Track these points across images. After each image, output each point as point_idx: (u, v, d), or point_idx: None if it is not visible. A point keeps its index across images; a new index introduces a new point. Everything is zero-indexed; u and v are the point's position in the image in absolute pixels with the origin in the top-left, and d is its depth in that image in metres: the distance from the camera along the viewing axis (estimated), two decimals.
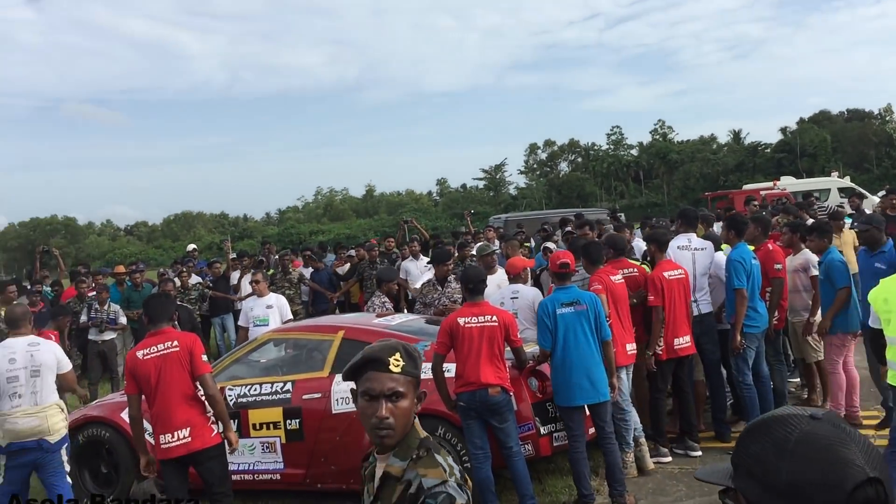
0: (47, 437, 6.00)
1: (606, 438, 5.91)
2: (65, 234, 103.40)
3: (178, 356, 5.21)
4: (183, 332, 5.35)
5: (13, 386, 5.94)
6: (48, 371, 6.08)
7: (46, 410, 6.02)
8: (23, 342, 6.14)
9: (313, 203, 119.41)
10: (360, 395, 2.17)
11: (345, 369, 2.24)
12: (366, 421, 2.15)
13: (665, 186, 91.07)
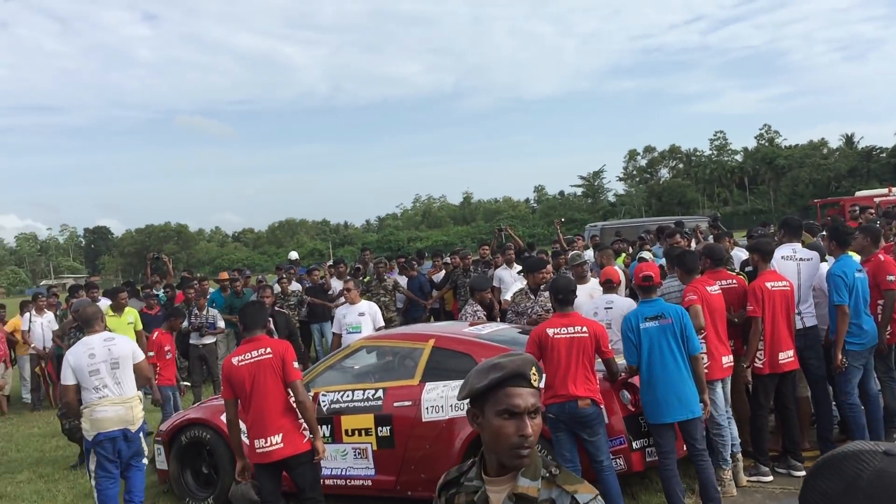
0: (130, 426, 6.33)
1: (699, 456, 5.72)
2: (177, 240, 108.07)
3: (270, 363, 5.33)
4: (276, 340, 5.49)
5: (96, 379, 6.28)
6: (126, 362, 6.42)
7: (130, 401, 6.38)
8: (99, 338, 6.47)
9: (412, 210, 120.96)
10: (496, 413, 2.00)
11: (476, 385, 2.04)
12: (504, 441, 1.99)
13: (771, 193, 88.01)
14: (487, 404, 2.03)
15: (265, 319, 5.54)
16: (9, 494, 8.13)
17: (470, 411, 2.09)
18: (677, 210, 73.49)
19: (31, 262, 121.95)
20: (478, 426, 2.06)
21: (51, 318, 13.52)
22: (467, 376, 2.11)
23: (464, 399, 2.08)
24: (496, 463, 2.06)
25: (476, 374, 2.07)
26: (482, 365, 2.09)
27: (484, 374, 2.05)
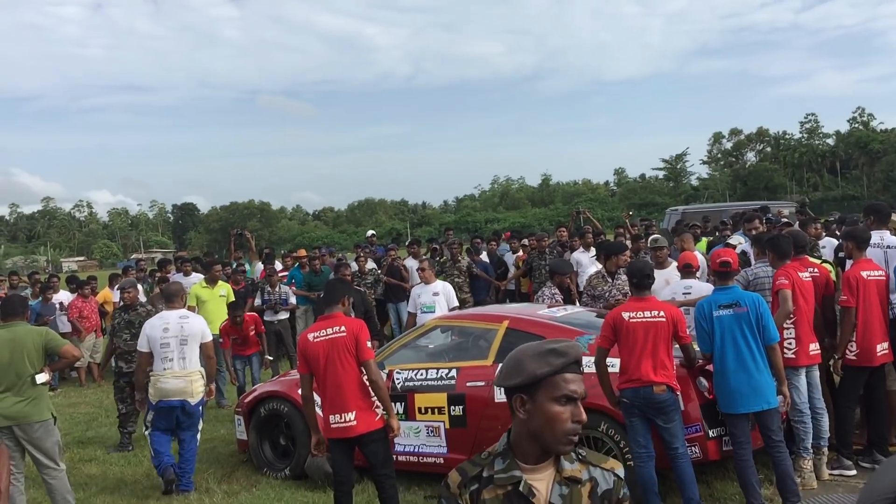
0: (189, 398, 6.98)
1: (775, 447, 5.57)
2: (260, 217, 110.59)
3: (344, 341, 5.38)
4: (351, 318, 5.55)
5: (165, 351, 6.99)
6: (194, 340, 7.11)
7: (191, 376, 7.02)
8: (175, 314, 7.19)
9: (490, 191, 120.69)
10: (553, 399, 2.00)
11: (538, 371, 2.01)
12: (560, 427, 2.00)
13: (864, 178, 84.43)
14: (542, 390, 2.01)
15: (342, 297, 5.60)
16: (98, 458, 8.51)
17: (517, 398, 2.04)
18: (763, 195, 71.25)
19: (123, 236, 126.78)
20: (524, 412, 2.03)
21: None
22: (515, 362, 2.06)
23: (519, 385, 2.03)
24: (538, 450, 2.06)
25: (533, 359, 2.03)
26: (533, 350, 2.06)
27: (544, 360, 2.02)
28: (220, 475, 7.50)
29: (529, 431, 2.04)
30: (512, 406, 2.07)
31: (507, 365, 2.08)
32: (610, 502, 2.09)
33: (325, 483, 6.83)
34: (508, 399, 2.08)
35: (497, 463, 2.08)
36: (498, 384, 2.13)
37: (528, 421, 2.03)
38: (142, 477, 7.65)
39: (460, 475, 2.09)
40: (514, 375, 2.04)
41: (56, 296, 13.87)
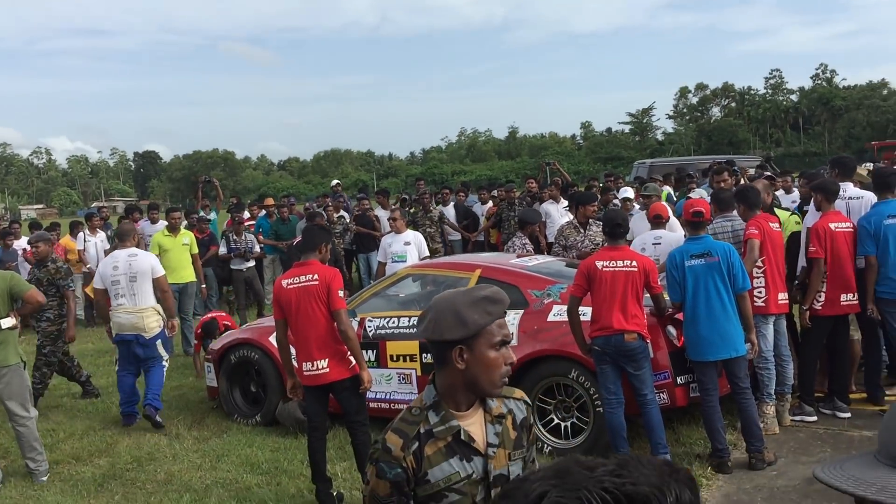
0: (143, 333, 7.37)
1: (741, 394, 5.69)
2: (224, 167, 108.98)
3: (316, 289, 5.32)
4: (325, 267, 5.49)
5: (116, 288, 7.42)
6: (143, 277, 7.44)
7: (143, 312, 7.39)
8: (125, 253, 7.57)
9: (456, 144, 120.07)
10: (491, 345, 2.02)
11: (481, 321, 2.01)
12: (496, 371, 2.04)
13: (826, 135, 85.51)
14: (481, 339, 2.02)
15: (319, 244, 5.53)
16: (65, 405, 8.45)
17: (456, 350, 2.02)
18: (727, 150, 71.67)
19: (83, 184, 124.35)
20: (462, 363, 2.02)
21: (103, 238, 13.83)
22: (453, 315, 2.01)
23: (464, 337, 2.01)
24: (471, 397, 2.10)
25: (472, 310, 2.01)
26: (466, 300, 2.03)
27: (483, 310, 2.02)
28: (189, 421, 7.50)
29: (465, 381, 2.05)
30: (445, 358, 2.04)
31: (443, 318, 2.03)
32: (526, 429, 2.20)
33: (296, 429, 6.87)
34: (442, 351, 2.05)
35: (431, 416, 2.07)
36: (435, 338, 2.04)
37: (465, 371, 2.03)
38: (110, 423, 7.61)
39: (400, 437, 2.04)
40: (457, 328, 2.01)
41: (17, 242, 13.60)
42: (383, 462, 2.03)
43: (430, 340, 2.08)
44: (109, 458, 6.63)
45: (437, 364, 2.10)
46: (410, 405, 2.13)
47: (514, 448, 2.16)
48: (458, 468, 2.08)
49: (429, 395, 2.10)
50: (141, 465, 6.41)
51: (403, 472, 2.03)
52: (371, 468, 2.06)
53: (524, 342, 6.13)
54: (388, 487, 2.02)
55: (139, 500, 5.73)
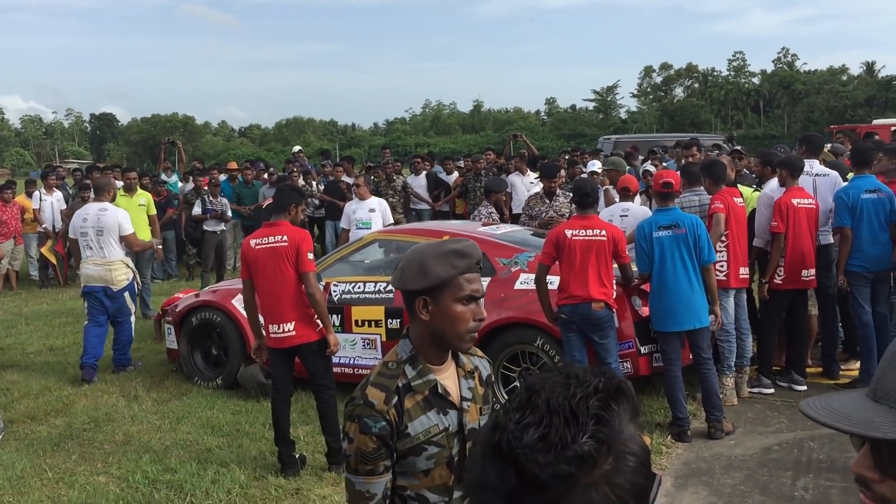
0: (111, 285, 7.59)
1: (703, 364, 5.77)
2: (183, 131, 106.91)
3: (284, 251, 5.23)
4: (295, 228, 5.39)
5: (85, 240, 7.64)
6: (109, 232, 7.61)
7: (111, 264, 7.60)
8: (96, 207, 7.78)
9: (420, 116, 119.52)
10: (456, 299, 2.01)
11: (444, 274, 2.00)
12: (462, 326, 2.03)
13: (786, 118, 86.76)
14: (447, 291, 2.01)
15: (291, 205, 5.41)
16: (19, 363, 8.28)
17: (419, 300, 2.02)
18: (689, 130, 72.22)
19: (36, 144, 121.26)
20: (426, 314, 2.03)
21: (59, 197, 13.52)
22: (418, 265, 2.02)
23: (425, 288, 2.01)
24: (441, 350, 2.10)
25: (437, 261, 2.01)
26: (435, 252, 2.03)
27: (448, 263, 2.01)
28: (148, 383, 7.40)
29: (431, 333, 2.05)
30: (412, 308, 2.05)
31: (409, 268, 2.04)
32: (489, 385, 2.26)
33: (257, 392, 6.81)
34: (409, 302, 2.06)
35: (408, 370, 2.07)
36: (400, 287, 2.06)
37: (430, 322, 2.04)
38: (66, 384, 7.48)
39: (381, 391, 2.02)
40: (418, 278, 2.02)
41: None
42: (367, 417, 1.99)
43: (398, 289, 2.08)
44: (66, 418, 6.52)
45: (408, 315, 2.10)
46: (385, 360, 2.11)
47: (483, 403, 2.19)
48: (437, 421, 2.07)
49: (404, 349, 2.09)
50: (98, 426, 6.31)
51: (388, 425, 2.00)
52: (353, 425, 2.01)
53: (490, 309, 6.11)
54: (375, 442, 1.99)
55: (97, 459, 5.64)
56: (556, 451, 0.87)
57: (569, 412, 0.89)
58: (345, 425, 2.04)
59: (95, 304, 7.64)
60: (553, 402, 0.90)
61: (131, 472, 5.34)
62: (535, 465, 0.86)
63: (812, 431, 5.75)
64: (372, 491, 2.03)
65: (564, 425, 0.88)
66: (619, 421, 0.93)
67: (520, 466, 0.86)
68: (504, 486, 0.86)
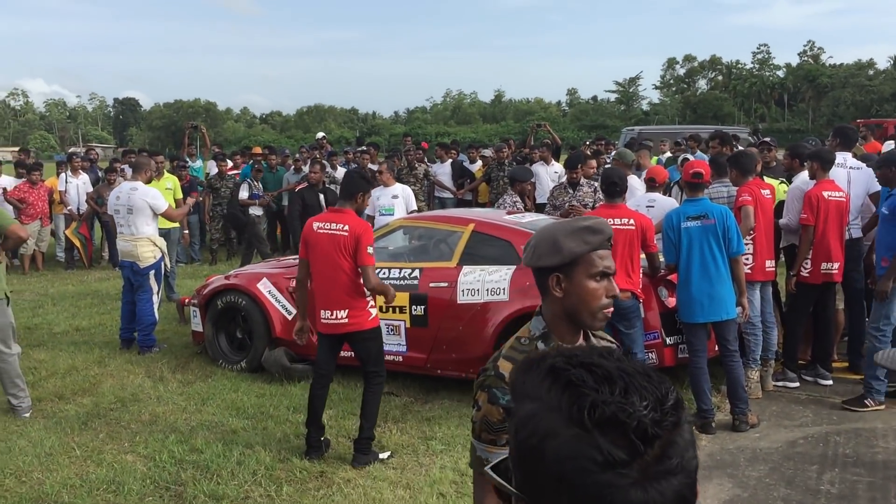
0: (138, 262, 7.87)
1: (729, 356, 5.74)
2: (205, 117, 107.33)
3: (344, 241, 5.14)
4: (358, 219, 5.27)
5: (118, 217, 8.01)
6: (139, 211, 7.87)
7: (138, 241, 7.86)
8: (128, 185, 8.10)
9: (441, 105, 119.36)
10: (590, 275, 2.03)
11: (577, 249, 2.02)
12: (595, 302, 2.03)
13: (811, 112, 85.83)
14: (579, 267, 2.03)
15: (358, 193, 5.27)
16: (46, 343, 8.37)
17: (553, 277, 2.04)
18: (712, 122, 71.65)
19: (60, 128, 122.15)
20: (560, 291, 2.04)
21: (86, 180, 13.63)
22: (550, 242, 2.04)
23: (558, 264, 2.03)
24: (573, 328, 2.09)
25: (570, 238, 2.03)
26: (567, 229, 2.05)
27: (581, 239, 2.03)
28: (174, 365, 7.46)
29: (565, 310, 2.06)
30: (545, 285, 2.07)
31: (542, 245, 2.06)
32: None
33: (281, 375, 6.86)
34: (541, 278, 2.07)
35: (540, 347, 2.06)
36: (532, 264, 2.08)
37: (563, 299, 2.05)
38: (93, 364, 7.56)
39: (513, 363, 1.99)
40: (552, 255, 2.04)
41: None
42: (496, 388, 1.98)
43: (530, 267, 2.10)
44: (93, 398, 6.59)
45: (541, 293, 2.11)
46: (518, 335, 2.10)
47: None
48: None
49: (537, 326, 2.10)
50: (125, 406, 6.38)
51: None
52: (482, 394, 2.00)
53: (515, 297, 6.14)
54: (501, 413, 1.97)
55: (124, 438, 5.70)
56: (661, 408, 0.90)
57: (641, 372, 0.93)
58: (475, 393, 2.03)
59: (125, 279, 8.05)
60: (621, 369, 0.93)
61: (158, 452, 5.39)
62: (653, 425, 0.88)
63: (838, 426, 5.72)
64: (491, 459, 2.03)
65: (651, 384, 0.92)
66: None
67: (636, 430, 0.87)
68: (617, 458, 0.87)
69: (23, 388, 6.21)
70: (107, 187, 11.95)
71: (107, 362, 7.59)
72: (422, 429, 5.83)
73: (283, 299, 7.15)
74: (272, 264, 7.95)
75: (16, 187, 12.99)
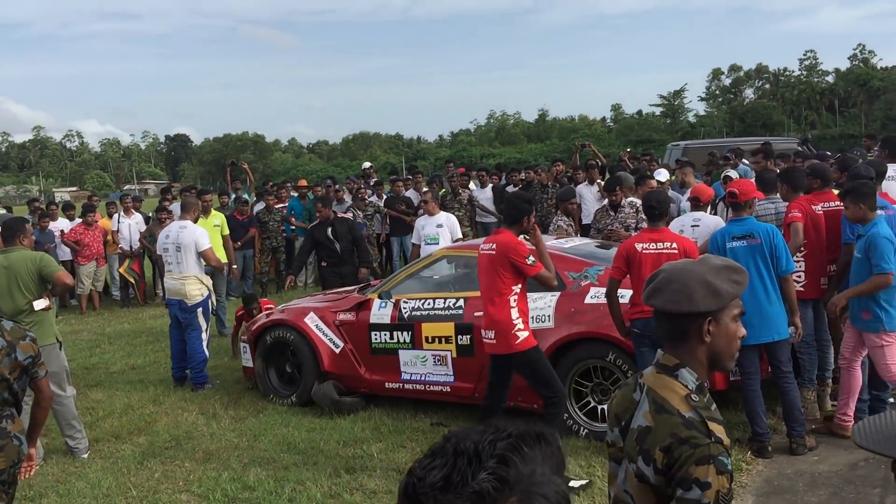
0: (185, 299, 8.00)
1: (783, 378, 5.59)
2: (253, 150, 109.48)
3: (491, 259, 5.36)
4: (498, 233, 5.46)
5: (166, 256, 8.19)
6: (187, 249, 8.04)
7: (186, 279, 8.01)
8: (177, 224, 8.35)
9: (485, 126, 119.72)
10: (733, 318, 2.02)
11: (732, 291, 2.00)
12: (736, 344, 2.04)
13: (863, 117, 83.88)
14: (726, 310, 2.01)
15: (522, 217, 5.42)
16: (104, 382, 8.56)
17: (707, 321, 1.99)
18: (760, 132, 70.62)
19: (115, 166, 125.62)
20: (709, 336, 2.00)
21: (139, 220, 13.96)
22: (704, 286, 1.97)
23: (717, 308, 1.98)
24: (708, 374, 2.06)
25: (720, 280, 1.99)
26: (711, 271, 2.00)
27: (731, 280, 2.01)
28: (226, 401, 7.56)
29: (709, 354, 2.03)
30: (692, 330, 2.00)
31: (693, 288, 1.98)
32: None
33: (331, 409, 6.90)
34: (689, 324, 2.00)
35: (705, 398, 2.01)
36: (688, 309, 1.98)
37: (710, 344, 2.01)
38: (148, 402, 7.70)
39: (720, 424, 1.95)
40: (711, 298, 1.98)
41: (54, 223, 13.77)
42: (721, 455, 1.89)
43: (677, 312, 1.99)
44: (148, 437, 6.71)
45: (674, 339, 2.03)
46: (677, 393, 1.98)
47: None
48: None
49: (688, 378, 2.01)
50: (179, 444, 6.48)
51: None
52: (708, 468, 1.86)
53: (561, 324, 6.10)
54: (729, 480, 1.90)
55: (179, 477, 5.79)
56: (455, 489, 0.91)
57: (473, 453, 0.93)
58: (691, 471, 1.86)
59: (172, 317, 8.16)
60: (461, 445, 0.95)
61: (212, 490, 5.46)
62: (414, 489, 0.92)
63: None
64: None
65: (467, 465, 0.92)
66: (530, 464, 0.95)
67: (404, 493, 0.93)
68: None
69: (79, 429, 6.35)
70: (158, 226, 12.22)
71: (161, 400, 7.73)
72: None
73: (330, 333, 7.20)
74: (318, 298, 8.03)
75: (72, 229, 13.38)
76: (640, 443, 1.97)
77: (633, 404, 2.05)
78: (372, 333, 6.99)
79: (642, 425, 1.98)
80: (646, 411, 1.99)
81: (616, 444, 2.11)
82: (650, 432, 1.95)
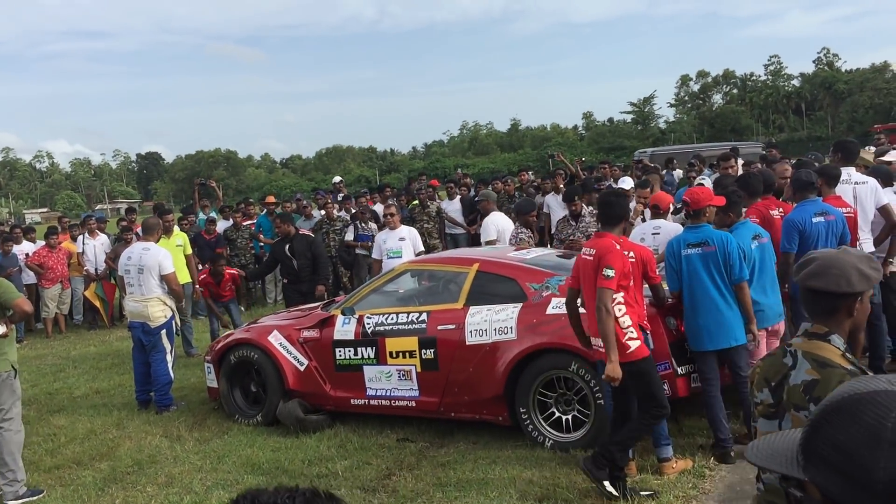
0: (148, 322, 7.91)
1: (742, 383, 5.60)
2: (226, 166, 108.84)
3: (590, 264, 5.17)
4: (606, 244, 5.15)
5: (128, 278, 8.06)
6: (149, 271, 7.94)
7: (148, 301, 7.92)
8: (140, 246, 8.29)
9: (458, 137, 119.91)
10: (868, 297, 2.41)
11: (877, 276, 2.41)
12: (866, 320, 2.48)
13: (829, 119, 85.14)
14: (868, 292, 2.40)
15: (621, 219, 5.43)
16: (67, 408, 8.43)
17: (857, 300, 2.36)
18: (730, 137, 71.20)
19: (86, 186, 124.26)
20: (856, 311, 2.37)
21: (104, 241, 13.80)
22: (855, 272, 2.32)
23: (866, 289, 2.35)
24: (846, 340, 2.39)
25: (865, 266, 2.36)
26: (854, 259, 2.37)
27: (872, 267, 2.39)
28: (191, 423, 7.47)
29: (854, 327, 2.41)
30: (844, 307, 2.35)
31: (849, 272, 2.33)
32: None
33: (296, 428, 6.84)
34: (844, 302, 2.34)
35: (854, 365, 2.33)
36: (843, 290, 2.32)
37: (855, 318, 2.39)
38: (111, 426, 7.59)
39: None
40: (863, 281, 2.35)
41: (18, 247, 13.56)
42: None
43: (837, 292, 2.33)
44: (110, 462, 6.60)
45: (826, 313, 2.36)
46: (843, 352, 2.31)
47: None
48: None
49: (840, 342, 2.35)
50: (142, 468, 6.38)
51: None
52: None
53: (523, 336, 6.09)
54: None
55: (140, 503, 5.70)
56: None
57: None
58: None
59: (135, 340, 8.07)
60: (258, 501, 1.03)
61: None
62: None
63: None
64: None
65: None
66: None
67: None
68: None
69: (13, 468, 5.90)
70: (124, 246, 12.10)
71: (125, 424, 7.62)
72: (437, 475, 5.76)
73: (294, 351, 7.15)
74: (282, 315, 7.98)
75: (35, 252, 13.20)
76: (808, 392, 2.26)
77: (784, 367, 2.37)
78: (336, 350, 6.95)
79: (807, 379, 2.28)
80: (808, 368, 2.30)
81: (765, 402, 2.43)
82: (818, 383, 2.24)
